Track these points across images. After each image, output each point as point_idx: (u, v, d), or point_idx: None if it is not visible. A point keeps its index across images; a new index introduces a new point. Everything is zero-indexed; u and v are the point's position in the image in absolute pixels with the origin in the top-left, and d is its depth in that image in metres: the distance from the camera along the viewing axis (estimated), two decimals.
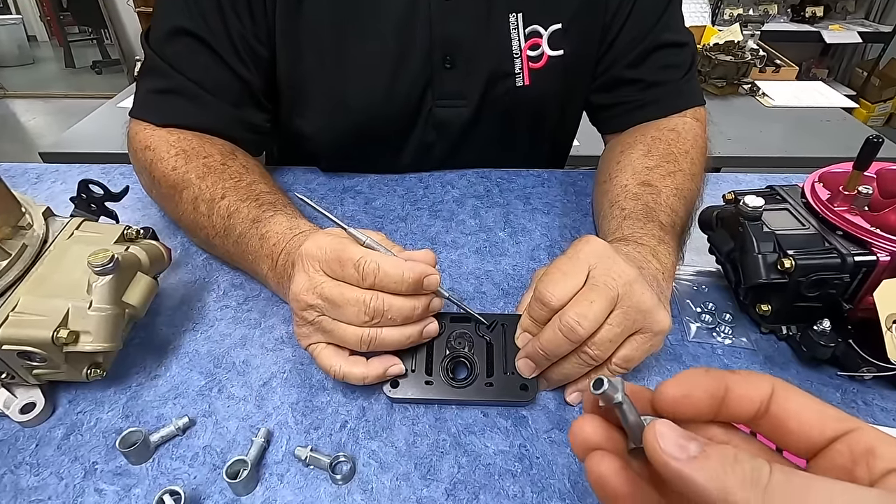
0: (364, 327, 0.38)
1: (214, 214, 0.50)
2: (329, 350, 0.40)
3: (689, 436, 0.20)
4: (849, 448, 0.20)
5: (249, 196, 0.51)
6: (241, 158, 0.57)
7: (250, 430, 0.40)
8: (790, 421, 0.21)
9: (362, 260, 0.36)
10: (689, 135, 0.63)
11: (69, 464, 0.38)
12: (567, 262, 0.39)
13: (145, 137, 0.57)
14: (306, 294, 0.38)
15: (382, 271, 0.36)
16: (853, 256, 0.41)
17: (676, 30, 0.66)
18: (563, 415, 0.41)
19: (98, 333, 0.37)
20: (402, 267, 0.37)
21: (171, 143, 0.55)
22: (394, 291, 0.37)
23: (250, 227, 0.48)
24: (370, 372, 0.39)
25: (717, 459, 0.19)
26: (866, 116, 3.22)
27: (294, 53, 0.61)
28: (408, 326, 0.39)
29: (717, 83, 1.65)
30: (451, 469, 0.38)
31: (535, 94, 0.67)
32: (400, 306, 0.38)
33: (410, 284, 0.37)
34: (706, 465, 0.18)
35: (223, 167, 0.54)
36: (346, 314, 0.37)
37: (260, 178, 0.55)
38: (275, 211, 0.49)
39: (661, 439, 0.20)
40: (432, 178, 0.70)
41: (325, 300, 0.37)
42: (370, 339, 0.38)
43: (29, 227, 0.42)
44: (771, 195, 0.49)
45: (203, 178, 0.52)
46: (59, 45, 4.67)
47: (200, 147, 0.56)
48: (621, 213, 0.52)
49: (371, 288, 0.37)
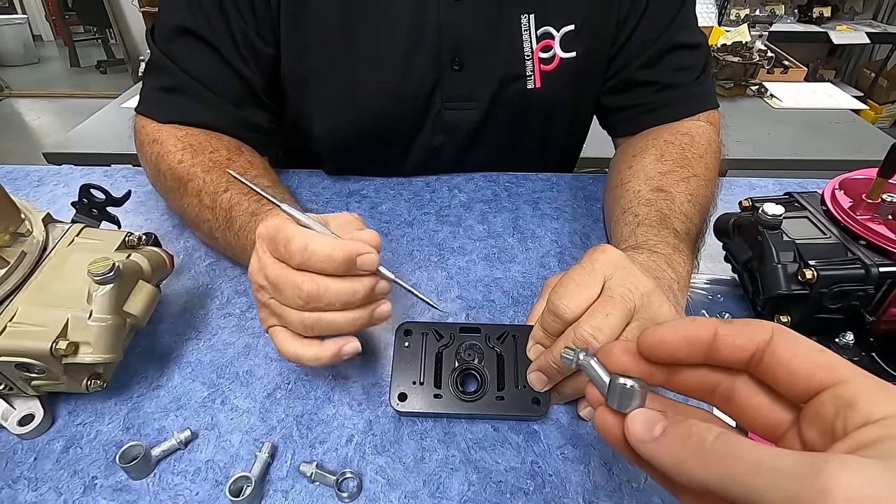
0: (304, 311, 0.36)
1: (217, 207, 0.50)
2: (285, 333, 0.38)
3: (656, 418, 0.22)
4: (832, 400, 0.20)
5: (251, 191, 0.50)
6: (247, 154, 0.58)
7: (254, 444, 0.39)
8: (779, 369, 0.21)
9: (292, 239, 0.35)
10: (703, 139, 0.61)
11: (68, 478, 0.37)
12: (582, 272, 0.38)
13: (153, 131, 0.57)
14: (256, 274, 0.38)
15: (310, 250, 0.34)
16: (878, 267, 0.40)
17: (690, 30, 0.65)
18: (575, 430, 0.40)
19: (98, 344, 0.36)
20: (332, 246, 0.34)
21: (179, 137, 0.56)
22: (324, 272, 0.35)
23: (249, 220, 0.48)
24: (323, 353, 0.37)
25: (672, 436, 0.21)
26: (874, 118, 3.19)
27: (299, 51, 0.60)
28: (353, 310, 0.37)
29: (725, 84, 1.63)
30: (460, 487, 0.36)
31: (547, 96, 0.65)
32: (336, 289, 0.35)
33: (340, 264, 0.34)
34: (665, 442, 0.21)
35: (229, 162, 0.54)
36: (285, 298, 0.36)
37: (264, 174, 0.55)
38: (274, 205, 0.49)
39: (630, 424, 0.23)
40: (439, 181, 0.69)
41: (268, 281, 0.37)
42: (312, 323, 0.36)
43: (28, 233, 0.41)
44: (789, 202, 0.48)
45: (208, 171, 0.52)
46: (64, 45, 4.67)
47: (207, 142, 0.56)
48: (634, 220, 0.51)
49: (300, 268, 0.35)
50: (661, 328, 0.24)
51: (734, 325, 0.23)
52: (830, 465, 0.16)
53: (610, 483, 0.37)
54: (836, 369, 0.20)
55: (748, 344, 0.22)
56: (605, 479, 0.37)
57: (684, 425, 0.21)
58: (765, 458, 0.18)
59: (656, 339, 0.24)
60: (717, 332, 0.23)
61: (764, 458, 0.18)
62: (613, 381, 0.24)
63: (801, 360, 0.21)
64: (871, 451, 0.18)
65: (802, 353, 0.21)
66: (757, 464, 0.18)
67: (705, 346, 0.23)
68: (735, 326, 0.23)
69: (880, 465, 0.16)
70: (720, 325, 0.23)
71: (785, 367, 0.21)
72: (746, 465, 0.18)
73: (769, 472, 0.18)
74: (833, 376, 0.20)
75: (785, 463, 0.17)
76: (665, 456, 0.21)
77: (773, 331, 0.22)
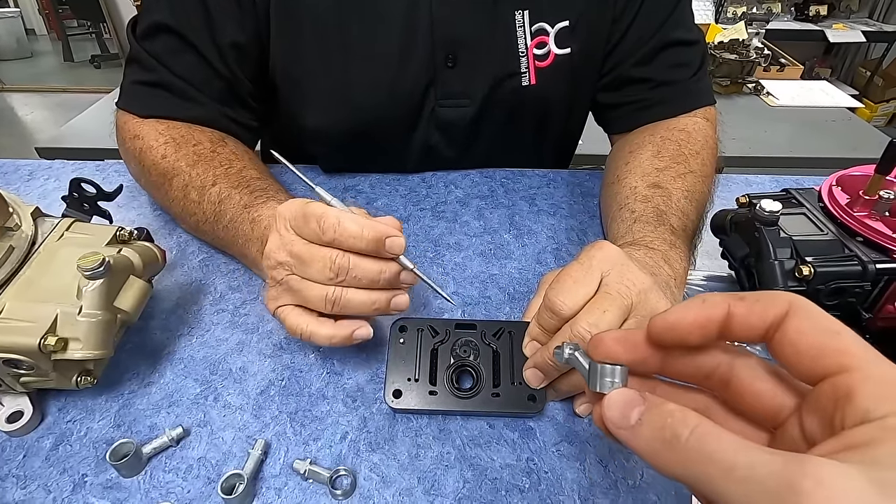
0: (329, 285, 0.37)
1: (205, 201, 0.50)
2: (297, 311, 0.39)
3: (634, 402, 0.21)
4: (832, 390, 0.18)
5: (240, 183, 0.51)
6: (231, 145, 0.57)
7: (247, 441, 0.38)
8: (786, 347, 0.20)
9: (324, 215, 0.36)
10: (700, 135, 0.61)
11: (57, 476, 0.36)
12: (579, 268, 0.38)
13: (134, 126, 0.56)
14: (277, 252, 0.38)
15: (342, 226, 0.36)
16: (875, 264, 0.40)
17: (687, 27, 0.64)
18: (571, 427, 0.40)
19: (88, 340, 0.36)
20: (364, 224, 0.36)
21: (160, 131, 0.55)
22: (354, 248, 0.37)
23: (241, 212, 0.47)
24: (338, 332, 0.39)
25: (647, 426, 0.20)
26: (869, 116, 3.20)
27: (293, 48, 0.59)
28: (374, 291, 0.38)
29: (722, 82, 1.63)
30: (455, 484, 0.36)
31: (542, 93, 0.65)
32: (365, 266, 0.37)
33: (370, 242, 0.36)
34: (641, 432, 0.20)
35: (213, 154, 0.54)
36: (313, 271, 0.37)
37: (250, 164, 0.55)
38: (266, 197, 0.49)
39: (607, 410, 0.22)
40: (435, 177, 0.69)
41: (293, 257, 0.37)
42: (335, 298, 0.37)
43: (17, 227, 0.40)
44: (786, 199, 0.48)
45: (193, 165, 0.52)
46: (57, 39, 4.64)
47: (190, 135, 0.55)
48: (631, 216, 0.51)
49: (331, 244, 0.37)
50: (671, 313, 0.23)
51: (747, 301, 0.21)
52: (806, 481, 0.15)
53: (606, 480, 0.37)
54: (845, 355, 0.18)
55: (762, 322, 0.21)
56: (601, 476, 0.37)
57: (660, 414, 0.20)
58: (739, 465, 0.17)
59: (667, 325, 0.23)
60: (729, 310, 0.22)
61: (738, 465, 0.17)
62: (593, 364, 0.24)
63: (811, 342, 0.19)
64: (857, 455, 0.16)
65: (811, 332, 0.19)
66: (730, 470, 0.17)
67: (718, 326, 0.22)
68: (747, 302, 0.21)
69: (861, 476, 0.15)
70: (733, 303, 0.22)
71: (793, 348, 0.20)
72: (720, 469, 0.17)
73: (742, 482, 0.17)
74: (840, 363, 0.18)
75: (759, 472, 0.16)
76: (640, 445, 0.20)
77: (789, 304, 0.20)
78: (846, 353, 0.18)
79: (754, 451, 0.17)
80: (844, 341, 0.19)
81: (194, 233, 0.56)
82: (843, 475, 0.15)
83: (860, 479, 0.15)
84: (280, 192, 0.51)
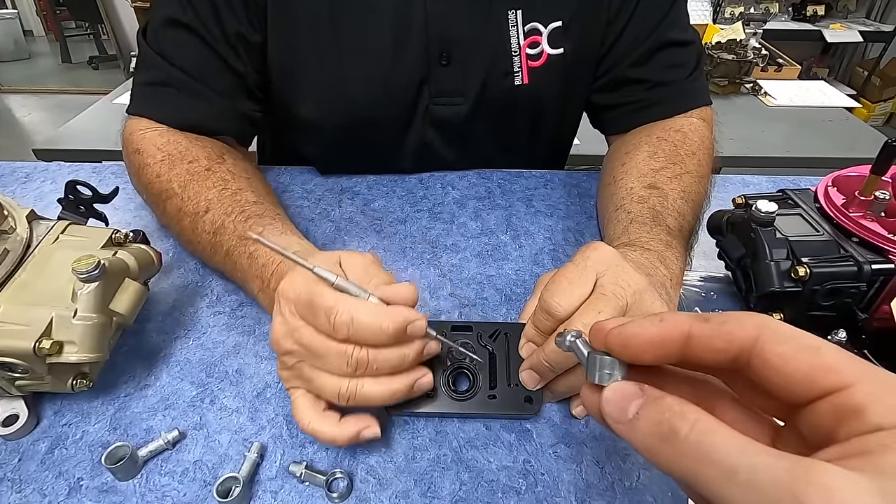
0: (345, 379, 0.34)
1: (199, 229, 0.48)
2: (305, 399, 0.36)
3: (631, 394, 0.20)
4: (833, 408, 0.17)
5: (234, 209, 0.48)
6: (229, 162, 0.55)
7: (243, 444, 0.38)
8: (771, 375, 0.19)
9: (334, 310, 0.32)
10: (696, 136, 0.61)
11: (53, 480, 0.36)
12: (574, 269, 0.38)
13: (135, 140, 0.56)
14: (284, 339, 0.35)
15: (357, 323, 0.32)
16: (870, 265, 0.40)
17: (682, 28, 0.64)
18: (568, 428, 0.40)
19: (83, 343, 0.36)
20: (380, 316, 0.32)
21: (159, 146, 0.54)
22: (372, 344, 0.33)
23: (238, 245, 0.46)
24: (341, 433, 0.34)
25: (645, 421, 0.19)
26: (867, 116, 3.20)
27: (287, 42, 0.59)
28: (395, 379, 0.35)
29: (719, 82, 1.63)
30: (452, 486, 0.36)
31: (535, 93, 0.65)
32: (387, 357, 0.34)
33: (391, 336, 0.33)
34: (638, 426, 0.20)
35: (207, 173, 0.52)
36: (326, 364, 0.34)
37: (246, 186, 0.52)
38: (263, 226, 0.46)
39: (605, 405, 0.21)
40: (432, 178, 0.69)
41: (303, 347, 0.34)
42: (350, 393, 0.33)
43: (11, 230, 0.40)
44: (783, 199, 0.48)
45: (185, 187, 0.50)
46: (55, 40, 4.63)
47: (187, 151, 0.54)
48: (627, 217, 0.51)
49: (346, 341, 0.33)
50: (627, 327, 0.22)
51: (710, 324, 0.20)
52: (811, 489, 0.14)
53: (602, 482, 0.37)
54: (836, 372, 0.17)
55: (728, 346, 0.20)
56: (597, 477, 0.37)
57: (658, 408, 0.19)
58: (741, 468, 0.16)
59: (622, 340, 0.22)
60: (690, 332, 0.20)
61: (741, 468, 0.16)
62: (591, 354, 0.23)
63: (794, 364, 0.18)
64: (865, 463, 0.15)
65: (794, 355, 0.18)
66: (732, 473, 0.16)
67: (678, 347, 0.21)
68: (711, 325, 0.20)
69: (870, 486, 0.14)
70: (694, 324, 0.20)
71: (778, 373, 0.18)
72: (720, 471, 0.17)
73: (743, 486, 0.16)
74: (835, 380, 0.17)
75: (762, 478, 0.16)
76: (638, 440, 0.19)
77: (757, 329, 0.19)
78: (838, 368, 0.18)
79: (757, 452, 0.16)
80: (829, 357, 0.18)
81: (195, 255, 0.54)
82: (851, 484, 0.15)
83: (869, 490, 0.14)
84: (276, 219, 0.48)
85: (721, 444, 0.17)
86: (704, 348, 0.20)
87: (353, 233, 0.59)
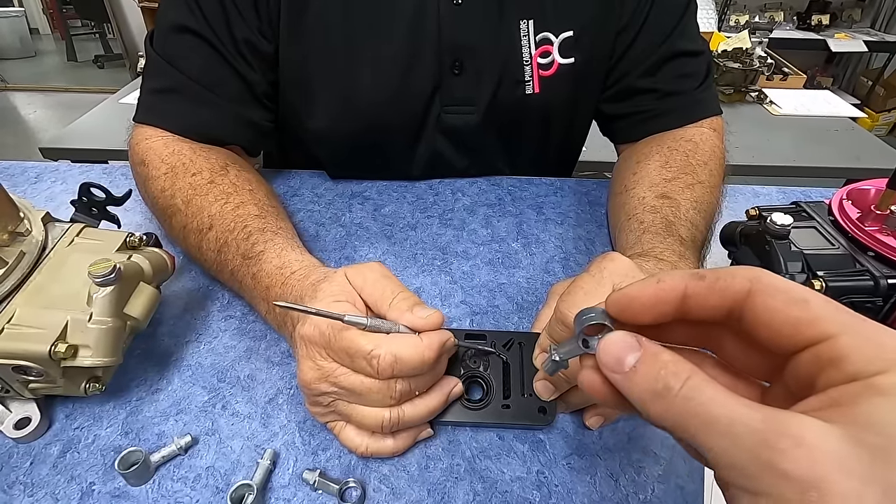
0: (386, 409, 0.35)
1: (203, 247, 0.48)
2: (351, 429, 0.37)
3: (630, 347, 0.20)
4: (814, 358, 0.18)
5: (237, 224, 0.47)
6: (233, 174, 0.53)
7: (255, 451, 0.38)
8: (759, 327, 0.19)
9: (375, 353, 0.33)
10: (707, 145, 0.61)
11: (65, 484, 0.36)
12: (590, 280, 0.38)
13: (141, 151, 0.55)
14: (318, 383, 0.35)
15: (400, 361, 0.33)
16: (886, 279, 0.40)
17: (692, 38, 0.65)
18: (581, 439, 0.40)
19: (98, 347, 0.36)
20: (420, 348, 0.34)
21: (163, 158, 0.53)
22: (416, 376, 0.35)
23: (241, 265, 0.45)
24: (400, 444, 0.37)
25: (642, 376, 0.19)
26: (871, 126, 3.21)
27: (300, 51, 0.59)
28: (431, 397, 0.37)
29: (725, 90, 1.63)
30: (465, 497, 0.36)
31: (545, 101, 0.65)
32: (425, 381, 0.36)
33: (434, 364, 0.35)
34: (635, 380, 0.20)
35: (210, 186, 0.51)
36: (369, 400, 0.35)
37: (249, 199, 0.51)
38: (264, 244, 0.45)
39: (602, 354, 0.21)
40: (442, 185, 0.69)
41: (343, 389, 0.35)
42: (392, 423, 0.35)
43: (27, 233, 0.40)
44: (796, 212, 0.48)
45: (188, 202, 0.50)
46: (61, 39, 4.65)
47: (191, 162, 0.53)
48: (640, 227, 0.51)
49: (391, 377, 0.34)
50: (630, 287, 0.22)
51: (707, 280, 0.21)
52: (784, 439, 0.15)
53: (616, 494, 0.36)
54: (823, 321, 0.18)
55: (722, 301, 0.20)
56: (611, 490, 0.37)
57: (654, 363, 0.19)
58: (721, 419, 0.17)
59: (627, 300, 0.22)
60: (686, 290, 0.21)
61: (720, 419, 0.17)
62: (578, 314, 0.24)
63: (782, 317, 0.18)
64: (840, 414, 0.16)
65: (783, 307, 0.19)
66: (712, 423, 0.17)
67: (674, 307, 0.21)
68: (707, 282, 0.20)
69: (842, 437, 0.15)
70: (691, 282, 0.21)
71: (765, 325, 0.19)
72: (702, 422, 0.17)
73: (722, 437, 0.17)
74: (820, 331, 0.18)
75: (739, 428, 0.16)
76: (632, 392, 0.20)
77: (750, 283, 0.19)
78: (823, 319, 0.18)
79: (737, 405, 0.17)
80: (816, 308, 0.18)
81: None
82: (823, 435, 0.15)
83: (841, 441, 0.15)
84: (277, 234, 0.47)
85: (706, 398, 0.18)
86: (701, 305, 0.21)
87: (363, 238, 0.59)
